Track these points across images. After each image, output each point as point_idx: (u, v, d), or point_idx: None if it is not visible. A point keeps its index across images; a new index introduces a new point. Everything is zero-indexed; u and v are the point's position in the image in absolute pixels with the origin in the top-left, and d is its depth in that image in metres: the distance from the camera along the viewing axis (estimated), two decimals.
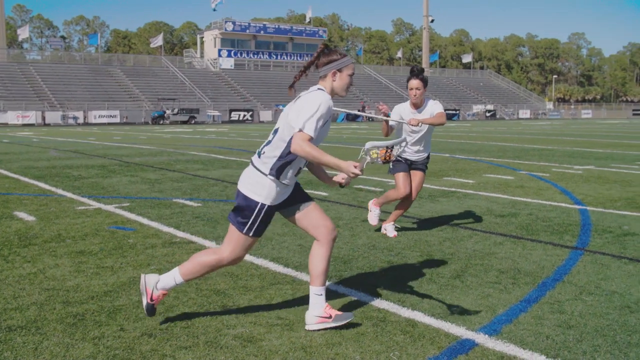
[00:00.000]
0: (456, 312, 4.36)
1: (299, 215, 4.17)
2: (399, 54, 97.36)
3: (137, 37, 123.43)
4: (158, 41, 76.37)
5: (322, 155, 3.81)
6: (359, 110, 64.37)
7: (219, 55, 74.93)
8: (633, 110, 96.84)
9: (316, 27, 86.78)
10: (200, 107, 58.93)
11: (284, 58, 79.89)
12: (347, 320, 4.02)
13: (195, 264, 4.06)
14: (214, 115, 57.80)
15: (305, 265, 5.56)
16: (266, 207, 3.97)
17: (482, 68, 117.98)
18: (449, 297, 4.71)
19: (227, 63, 74.49)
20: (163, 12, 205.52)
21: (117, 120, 54.19)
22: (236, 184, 4.11)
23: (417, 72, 6.59)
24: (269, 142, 4.03)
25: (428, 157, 7.11)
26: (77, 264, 5.62)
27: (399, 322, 4.15)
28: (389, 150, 3.87)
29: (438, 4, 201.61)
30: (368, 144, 3.93)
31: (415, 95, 6.64)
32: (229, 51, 75.68)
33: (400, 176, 6.86)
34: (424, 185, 10.96)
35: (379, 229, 7.15)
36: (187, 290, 4.83)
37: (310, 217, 4.18)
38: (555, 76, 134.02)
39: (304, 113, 3.84)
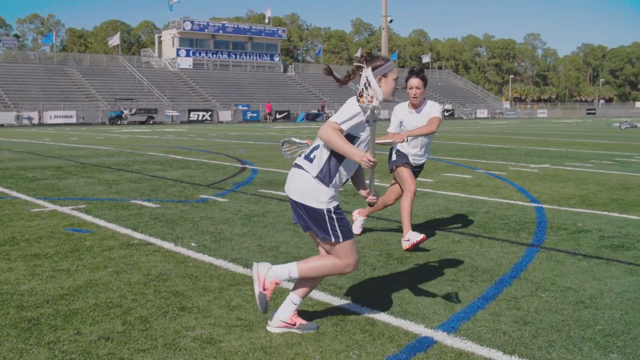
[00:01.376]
0: (415, 310, 4.40)
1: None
2: (358, 54, 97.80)
3: (94, 36, 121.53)
4: (115, 40, 75.39)
5: (341, 143, 3.78)
6: (318, 110, 64.47)
7: (178, 55, 74.26)
8: (587, 109, 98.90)
9: (275, 27, 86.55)
10: (159, 107, 58.32)
11: (243, 58, 79.50)
12: (312, 330, 4.00)
13: (315, 265, 4.00)
14: (172, 116, 57.26)
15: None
16: (332, 209, 3.92)
17: (440, 68, 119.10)
18: (408, 295, 4.75)
19: (186, 63, 73.88)
20: (120, 11, 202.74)
21: (74, 120, 53.30)
22: (195, 184, 4.08)
23: (416, 71, 6.32)
24: (317, 146, 4.02)
25: (422, 165, 6.82)
26: (32, 267, 5.51)
27: (359, 321, 4.17)
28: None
29: (397, 5, 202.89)
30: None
31: (415, 95, 6.33)
32: (188, 51, 75.04)
33: (404, 169, 6.49)
34: (384, 184, 11.03)
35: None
36: (146, 292, 4.78)
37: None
38: (511, 76, 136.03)
39: (341, 111, 3.91)
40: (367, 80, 3.79)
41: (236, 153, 18.50)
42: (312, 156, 4.00)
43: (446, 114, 72.96)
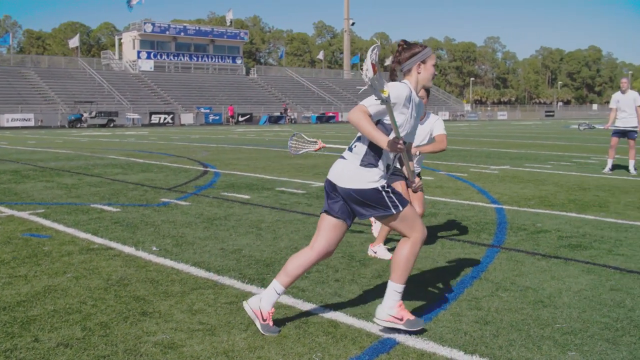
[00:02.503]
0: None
1: (322, 223, 4.14)
2: (321, 56, 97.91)
3: (52, 37, 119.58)
4: (74, 42, 74.30)
5: (368, 127, 3.81)
6: (281, 113, 64.41)
7: (138, 57, 73.48)
8: (545, 111, 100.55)
9: (237, 29, 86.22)
10: (119, 110, 57.64)
11: (205, 60, 79.01)
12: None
13: (404, 264, 3.99)
14: (133, 119, 56.62)
15: (229, 269, 5.52)
16: (383, 186, 3.94)
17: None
18: (371, 297, 4.77)
19: (147, 65, 73.13)
20: (79, 12, 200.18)
21: (32, 123, 52.34)
22: (157, 187, 4.04)
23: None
24: (360, 137, 4.06)
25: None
26: None
27: (322, 324, 4.17)
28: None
29: (359, 7, 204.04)
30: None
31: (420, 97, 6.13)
32: (149, 53, 74.31)
33: (398, 185, 6.16)
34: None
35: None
36: (106, 297, 4.72)
37: (327, 232, 4.12)
38: (472, 79, 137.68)
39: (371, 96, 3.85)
40: (373, 52, 3.68)
41: (198, 156, 18.38)
42: (353, 146, 4.08)
43: None
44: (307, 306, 4.53)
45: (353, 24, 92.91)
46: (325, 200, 4.16)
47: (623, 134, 13.52)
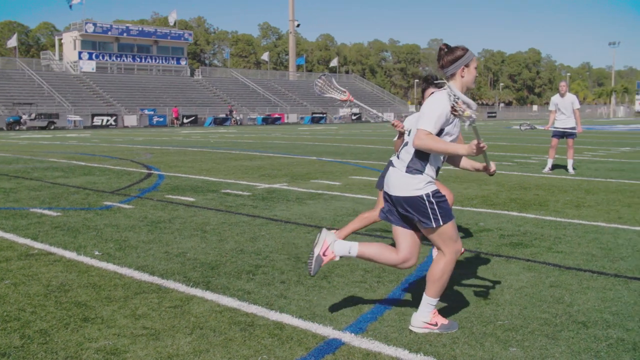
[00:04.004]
0: (323, 312, 4.43)
1: (398, 230, 4.21)
2: (266, 58, 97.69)
3: None
4: (12, 42, 72.36)
5: (440, 144, 3.88)
6: (226, 114, 63.99)
7: (80, 58, 71.91)
8: (488, 112, 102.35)
9: (182, 30, 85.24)
10: (60, 112, 56.30)
11: (148, 61, 77.86)
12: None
13: (436, 281, 4.08)
14: (75, 121, 55.40)
15: (173, 272, 5.46)
16: (431, 193, 3.99)
17: (347, 72, 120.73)
18: (317, 298, 4.78)
19: (89, 66, 71.66)
20: (17, 12, 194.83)
21: None
22: (99, 191, 3.96)
23: (432, 80, 5.86)
24: (406, 144, 4.15)
25: None
26: None
27: (267, 326, 4.16)
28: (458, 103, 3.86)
29: (304, 9, 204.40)
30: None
31: None
32: (90, 54, 72.81)
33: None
34: (291, 188, 11.06)
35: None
36: (46, 304, 4.60)
37: (405, 239, 4.21)
38: (416, 80, 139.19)
39: (424, 113, 3.96)
40: (454, 95, 3.70)
41: (142, 158, 18.11)
42: (400, 155, 4.17)
43: (354, 117, 73.95)
44: (252, 308, 4.51)
45: (298, 25, 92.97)
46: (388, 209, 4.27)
47: (562, 134, 13.96)
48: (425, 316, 4.09)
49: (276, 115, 67.72)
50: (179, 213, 8.52)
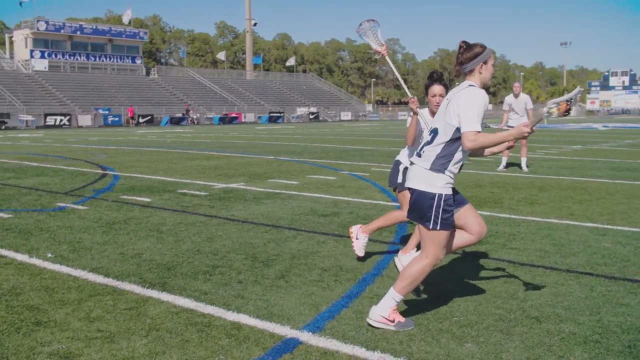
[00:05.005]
0: (280, 312, 4.42)
1: (457, 215, 4.30)
2: (223, 57, 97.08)
3: None
4: None
5: (492, 137, 3.95)
6: (183, 114, 63.44)
7: (32, 57, 70.40)
8: None
9: (137, 29, 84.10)
10: (12, 112, 55.07)
11: (103, 60, 76.67)
12: (409, 328, 4.16)
13: (409, 279, 4.14)
14: (27, 120, 54.23)
15: (128, 274, 5.39)
16: (443, 196, 4.08)
17: (304, 71, 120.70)
18: (274, 297, 4.77)
19: (41, 65, 70.23)
20: None
21: None
22: (52, 192, 3.89)
23: (438, 77, 5.76)
24: (428, 142, 4.18)
25: None
26: None
27: (224, 326, 4.13)
28: (568, 104, 3.92)
29: (260, 8, 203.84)
30: (549, 102, 3.99)
31: (438, 103, 5.67)
32: (43, 52, 71.35)
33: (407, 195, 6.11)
34: (249, 187, 11.02)
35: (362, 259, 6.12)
36: None
37: (468, 217, 4.37)
38: (373, 79, 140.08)
39: (467, 113, 3.96)
40: (570, 99, 3.92)
41: (96, 159, 17.83)
42: (421, 152, 4.21)
43: (311, 116, 74.00)
44: (209, 309, 4.48)
45: (255, 24, 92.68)
46: None
47: None
48: (385, 310, 4.12)
49: (233, 115, 67.38)
50: (135, 214, 8.42)
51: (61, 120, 56.23)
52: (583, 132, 35.08)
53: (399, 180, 5.88)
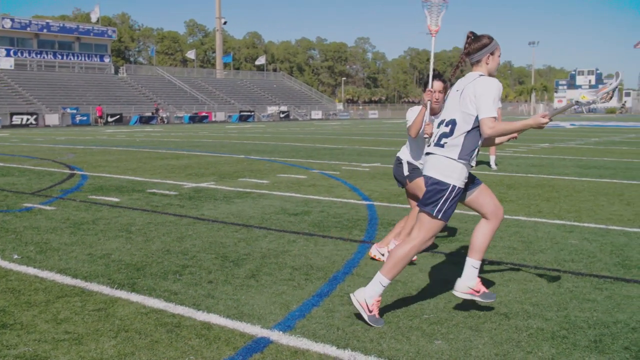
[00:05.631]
0: (251, 311, 4.41)
1: (472, 197, 4.42)
2: (192, 56, 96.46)
3: None
4: None
5: (510, 125, 4.09)
6: (152, 113, 62.90)
7: None
8: None
9: (105, 27, 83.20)
10: None
11: (70, 58, 75.66)
12: (491, 301, 4.40)
13: (395, 261, 4.21)
14: None
15: (97, 275, 5.33)
16: (457, 188, 4.19)
17: (275, 70, 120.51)
18: (244, 297, 4.75)
19: (6, 63, 69.05)
20: None
21: None
22: (18, 192, 3.83)
23: (437, 74, 5.73)
24: (447, 133, 4.24)
25: None
26: None
27: (194, 326, 4.11)
28: (610, 93, 4.03)
29: (230, 6, 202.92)
30: (586, 93, 4.13)
31: (437, 100, 5.64)
32: (8, 50, 70.18)
33: (422, 180, 5.99)
34: (219, 187, 10.98)
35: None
36: None
37: (482, 196, 4.44)
38: (344, 78, 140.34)
39: (484, 100, 4.07)
40: (612, 88, 4.05)
41: (64, 158, 17.60)
42: (442, 142, 4.26)
43: (282, 115, 73.88)
44: (179, 309, 4.45)
45: (225, 23, 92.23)
46: None
47: None
48: (371, 295, 4.18)
49: (203, 114, 66.99)
50: (103, 214, 8.33)
51: (28, 120, 55.38)
52: (551, 130, 35.53)
53: (406, 172, 5.89)
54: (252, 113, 71.10)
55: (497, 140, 4.67)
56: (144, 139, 28.96)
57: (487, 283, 5.08)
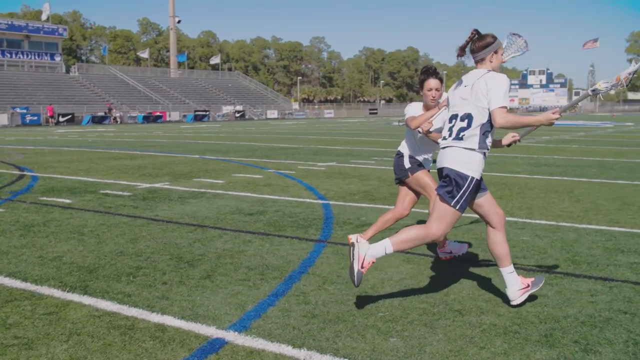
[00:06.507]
0: (206, 312, 4.37)
1: (479, 201, 4.54)
2: (146, 55, 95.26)
3: None
4: None
5: (522, 118, 4.27)
6: (105, 113, 61.96)
7: None
8: (370, 109, 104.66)
9: (55, 25, 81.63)
10: None
11: (19, 57, 74.02)
12: (542, 283, 4.58)
13: (406, 237, 4.32)
14: None
15: (48, 278, 5.22)
16: (475, 180, 4.35)
17: (230, 70, 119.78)
18: (199, 297, 4.71)
19: None
20: None
21: None
22: None
23: (434, 71, 5.68)
24: (465, 127, 4.37)
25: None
26: None
27: (148, 328, 4.06)
28: (629, 75, 4.12)
29: (184, 5, 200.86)
30: (601, 81, 4.24)
31: (434, 97, 5.64)
32: None
33: (424, 174, 5.88)
34: (173, 187, 10.87)
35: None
36: None
37: (488, 204, 4.58)
38: (299, 78, 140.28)
39: (495, 92, 4.23)
40: (631, 72, 4.19)
41: (14, 159, 17.21)
42: (460, 136, 4.39)
43: (237, 115, 73.52)
44: (132, 311, 4.39)
45: (179, 21, 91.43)
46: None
47: (436, 130, 14.55)
48: (372, 254, 4.28)
49: (158, 114, 66.24)
50: (55, 215, 8.17)
51: None
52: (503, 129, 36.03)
53: (407, 165, 5.88)
54: (207, 113, 70.58)
55: (504, 141, 4.89)
56: (96, 139, 28.50)
57: (445, 279, 5.14)
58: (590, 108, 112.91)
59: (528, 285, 4.51)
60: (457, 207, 4.34)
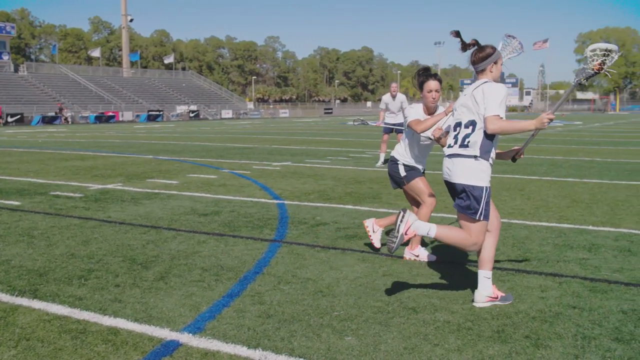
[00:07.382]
0: (160, 314, 4.32)
1: None
2: (97, 54, 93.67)
3: None
4: None
5: (514, 124, 4.32)
6: (56, 113, 60.77)
7: None
8: (325, 109, 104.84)
9: (3, 23, 79.73)
10: None
11: None
12: (510, 302, 4.57)
13: (451, 234, 4.45)
14: None
15: (5, 282, 5.10)
16: (489, 188, 4.47)
17: (184, 69, 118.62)
18: (153, 300, 4.66)
19: None
20: None
21: None
22: None
23: (433, 73, 5.74)
24: (469, 134, 4.47)
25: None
26: None
27: (100, 332, 3.99)
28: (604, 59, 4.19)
29: (137, 4, 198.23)
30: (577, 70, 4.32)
31: (434, 99, 5.73)
32: None
33: (420, 181, 6.11)
34: (126, 188, 10.73)
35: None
36: None
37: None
38: (254, 77, 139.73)
39: (490, 101, 4.33)
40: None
41: None
42: (466, 142, 4.49)
43: (191, 115, 72.89)
44: (84, 315, 4.31)
45: (131, 20, 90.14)
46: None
47: (392, 130, 14.76)
48: (417, 227, 4.36)
49: (110, 114, 65.23)
50: (3, 218, 7.98)
51: None
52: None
53: (403, 174, 6.03)
54: (161, 112, 69.77)
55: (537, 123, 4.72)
56: (47, 140, 27.92)
57: (400, 277, 5.18)
58: (540, 107, 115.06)
59: (497, 297, 4.58)
60: (482, 219, 4.46)
